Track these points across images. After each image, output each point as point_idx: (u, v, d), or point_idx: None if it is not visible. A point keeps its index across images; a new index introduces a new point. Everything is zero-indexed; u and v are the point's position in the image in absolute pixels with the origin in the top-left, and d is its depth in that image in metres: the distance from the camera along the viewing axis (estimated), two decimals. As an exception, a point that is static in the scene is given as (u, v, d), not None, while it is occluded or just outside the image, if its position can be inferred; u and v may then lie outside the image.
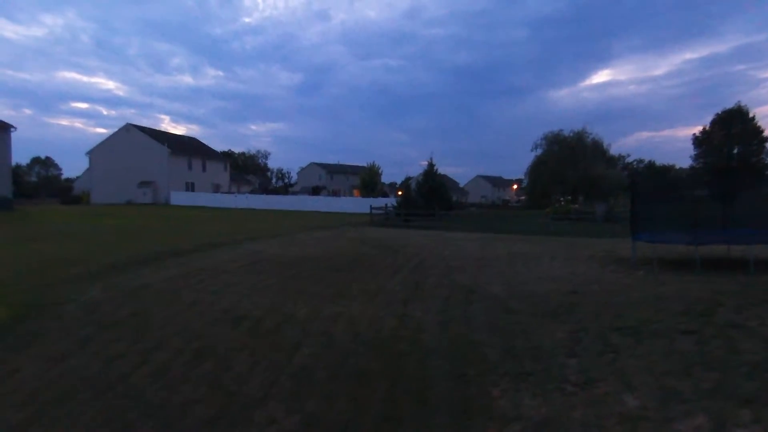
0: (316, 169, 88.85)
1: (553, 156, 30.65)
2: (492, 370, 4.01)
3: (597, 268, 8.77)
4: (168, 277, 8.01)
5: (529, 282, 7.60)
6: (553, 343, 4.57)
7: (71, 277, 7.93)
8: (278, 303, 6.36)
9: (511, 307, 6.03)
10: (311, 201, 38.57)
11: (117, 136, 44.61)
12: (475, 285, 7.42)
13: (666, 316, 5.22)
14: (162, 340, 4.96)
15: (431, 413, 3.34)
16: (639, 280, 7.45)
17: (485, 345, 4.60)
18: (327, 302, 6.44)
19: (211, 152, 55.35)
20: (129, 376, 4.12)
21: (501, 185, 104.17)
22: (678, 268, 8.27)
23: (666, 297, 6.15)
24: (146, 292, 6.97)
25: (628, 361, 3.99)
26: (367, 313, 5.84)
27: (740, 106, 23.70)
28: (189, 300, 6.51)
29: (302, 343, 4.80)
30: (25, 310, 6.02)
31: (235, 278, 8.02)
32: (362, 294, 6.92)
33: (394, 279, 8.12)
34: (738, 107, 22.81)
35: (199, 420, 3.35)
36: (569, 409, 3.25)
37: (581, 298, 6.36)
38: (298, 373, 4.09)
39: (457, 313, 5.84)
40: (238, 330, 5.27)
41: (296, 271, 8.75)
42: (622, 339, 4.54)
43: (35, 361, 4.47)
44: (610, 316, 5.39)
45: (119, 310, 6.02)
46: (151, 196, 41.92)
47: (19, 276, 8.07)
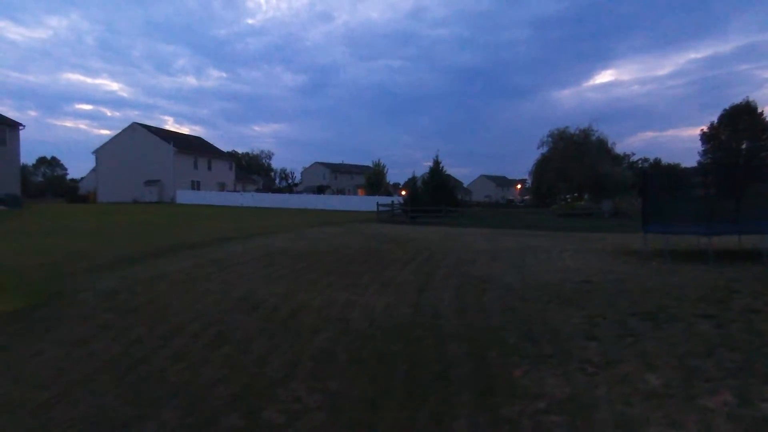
0: (320, 169, 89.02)
1: (559, 153, 30.56)
2: (511, 352, 4.02)
3: (609, 259, 8.75)
4: (182, 268, 8.06)
5: (541, 272, 7.60)
6: (570, 327, 4.57)
7: (87, 268, 8.00)
8: (292, 292, 6.39)
9: (526, 295, 6.04)
10: (317, 199, 38.66)
11: (123, 135, 44.86)
12: (488, 276, 7.43)
13: (683, 303, 5.21)
14: (180, 325, 5.00)
15: (454, 391, 3.35)
16: (652, 270, 7.43)
17: (503, 330, 4.61)
18: (340, 291, 6.46)
19: (216, 151, 55.57)
20: (150, 358, 4.16)
21: (505, 185, 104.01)
22: (690, 260, 8.24)
23: (681, 285, 6.13)
24: (162, 281, 7.02)
25: (648, 344, 3.99)
26: (381, 302, 5.86)
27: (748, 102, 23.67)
28: (204, 289, 6.56)
29: (319, 328, 4.82)
30: (43, 298, 6.09)
31: (248, 269, 8.06)
32: (375, 284, 6.94)
33: (405, 270, 8.14)
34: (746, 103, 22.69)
35: (223, 398, 3.38)
36: (593, 387, 3.25)
37: (595, 286, 6.36)
38: (318, 355, 4.12)
39: (472, 301, 5.85)
40: (254, 316, 5.31)
41: (308, 263, 8.79)
42: (640, 323, 4.54)
43: (56, 345, 4.52)
44: (626, 302, 5.39)
45: (136, 298, 6.07)
46: (157, 194, 42.12)
47: (35, 267, 8.15)
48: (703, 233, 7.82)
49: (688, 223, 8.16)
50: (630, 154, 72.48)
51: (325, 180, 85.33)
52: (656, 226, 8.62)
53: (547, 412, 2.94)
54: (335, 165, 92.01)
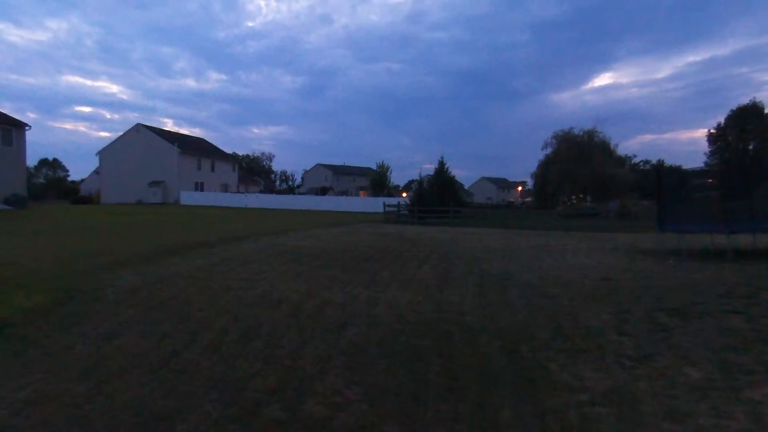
0: (322, 170, 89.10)
1: (563, 155, 30.55)
2: (544, 347, 4.02)
3: (624, 258, 8.75)
4: (198, 266, 8.07)
5: (559, 270, 7.60)
6: (600, 323, 4.57)
7: (103, 266, 7.99)
8: (313, 289, 6.39)
9: (548, 292, 6.04)
10: (321, 200, 38.66)
11: (127, 136, 44.91)
12: (506, 273, 7.43)
13: (708, 299, 5.20)
14: (205, 321, 5.00)
15: (493, 385, 3.35)
16: (670, 268, 7.43)
17: (531, 325, 4.61)
18: (361, 288, 6.47)
19: (219, 152, 55.60)
20: (181, 353, 4.16)
21: (505, 187, 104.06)
22: (707, 258, 8.24)
23: (703, 282, 6.13)
24: (180, 278, 7.02)
25: (682, 338, 3.99)
26: (404, 298, 5.86)
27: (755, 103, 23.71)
28: (223, 286, 6.56)
29: (347, 323, 4.82)
30: (66, 295, 6.09)
31: (264, 267, 8.07)
32: (395, 281, 6.94)
33: (422, 268, 8.14)
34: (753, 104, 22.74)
35: (262, 390, 3.38)
36: (634, 380, 3.25)
37: (616, 284, 6.35)
38: (350, 350, 4.12)
39: (495, 298, 5.85)
40: (279, 312, 5.31)
41: (323, 261, 8.79)
42: (669, 319, 4.54)
43: (86, 340, 4.52)
44: (651, 299, 5.39)
45: (158, 294, 6.07)
46: (161, 195, 42.13)
47: (51, 265, 8.14)
48: (721, 231, 7.81)
49: (704, 221, 8.16)
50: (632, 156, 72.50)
51: (327, 181, 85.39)
52: (672, 224, 8.62)
53: (592, 404, 2.94)
54: (337, 167, 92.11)
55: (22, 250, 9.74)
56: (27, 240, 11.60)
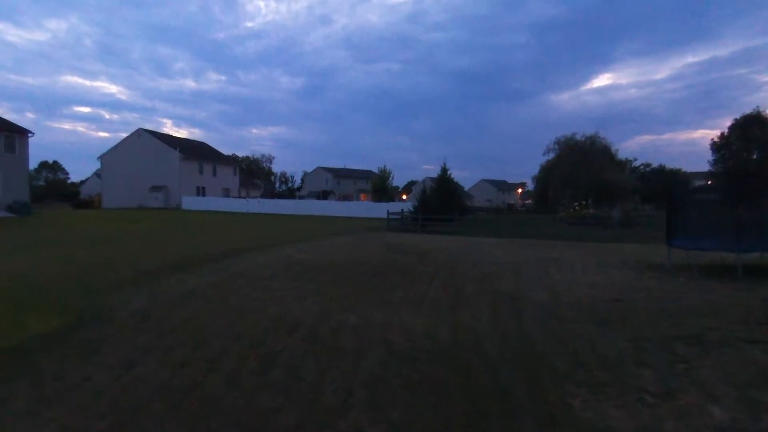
0: (323, 174, 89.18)
1: (565, 160, 30.60)
2: (565, 379, 4.02)
3: (633, 274, 8.75)
4: (209, 283, 8.07)
5: (570, 289, 7.60)
6: (618, 352, 4.57)
7: (113, 283, 8.00)
8: (326, 310, 6.40)
9: (562, 314, 6.04)
10: (322, 205, 38.65)
11: (129, 140, 44.93)
12: (517, 292, 7.43)
13: (724, 325, 5.21)
14: (223, 347, 5.00)
15: (517, 422, 3.35)
16: (681, 287, 7.44)
17: (550, 354, 4.61)
18: (374, 309, 6.47)
19: (221, 157, 55.64)
20: (201, 384, 4.16)
21: (506, 189, 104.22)
22: (717, 275, 8.25)
23: (717, 305, 6.14)
24: (193, 299, 7.02)
25: (704, 372, 3.99)
26: (418, 322, 5.86)
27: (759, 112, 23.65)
28: (237, 307, 6.56)
29: (364, 351, 4.82)
30: (79, 318, 6.09)
31: (276, 284, 8.07)
32: (406, 301, 6.94)
33: (432, 285, 8.15)
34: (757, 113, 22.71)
35: (284, 428, 3.38)
36: (658, 421, 3.25)
37: (629, 306, 6.36)
38: (371, 382, 4.12)
39: (510, 321, 5.85)
40: (295, 337, 5.31)
41: (333, 276, 8.79)
42: (688, 348, 4.54)
43: (103, 369, 4.51)
44: (666, 324, 5.39)
45: (171, 317, 6.07)
46: (162, 200, 42.13)
47: (60, 282, 8.15)
48: (731, 250, 7.82)
49: (714, 238, 8.17)
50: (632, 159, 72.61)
51: (327, 185, 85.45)
52: (681, 240, 8.63)
53: (620, 448, 2.94)
54: (337, 170, 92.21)
55: (30, 265, 9.74)
56: (34, 253, 11.59)
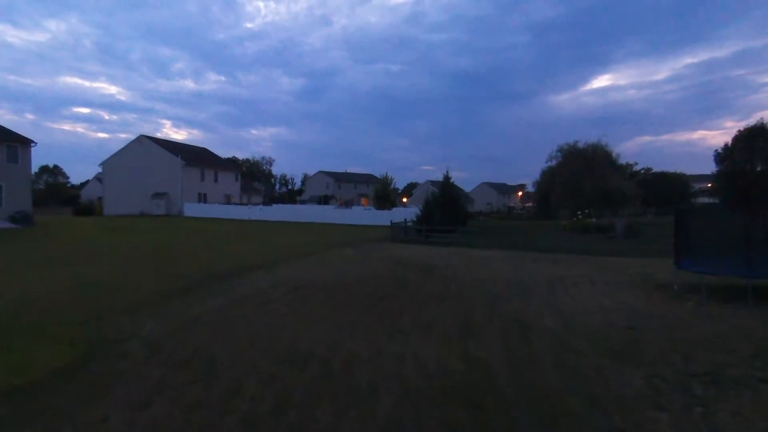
0: (324, 178, 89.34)
1: (568, 168, 30.62)
2: (584, 423, 4.01)
3: (642, 297, 8.74)
4: (217, 308, 8.06)
5: (579, 314, 7.59)
6: (634, 392, 4.56)
7: (121, 308, 7.99)
8: (338, 339, 6.38)
9: (573, 345, 6.03)
10: (325, 212, 38.59)
11: (130, 147, 45.00)
12: (526, 317, 7.43)
13: (738, 360, 5.21)
14: (236, 384, 4.98)
15: (539, 477, 3.34)
16: (691, 313, 7.43)
17: (566, 393, 4.60)
18: (385, 338, 6.46)
19: (222, 162, 55.73)
20: (216, 426, 4.14)
21: (506, 192, 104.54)
22: (726, 298, 8.24)
23: (728, 337, 6.14)
24: (202, 326, 7.00)
25: (721, 417, 3.98)
26: (430, 353, 5.85)
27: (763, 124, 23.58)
28: (247, 335, 6.54)
29: (378, 389, 4.81)
30: (89, 349, 6.07)
31: (284, 308, 8.06)
32: (417, 328, 6.93)
33: (441, 308, 8.14)
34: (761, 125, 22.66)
35: (306, 482, 3.36)
36: (681, 475, 3.24)
37: (641, 335, 6.35)
38: (389, 426, 4.10)
39: (521, 352, 5.84)
40: (308, 372, 5.29)
41: (341, 299, 8.78)
42: (704, 389, 4.53)
43: (120, 409, 4.50)
44: (679, 358, 5.38)
45: (182, 348, 6.05)
46: (164, 207, 42.14)
47: (68, 306, 8.14)
48: (742, 275, 7.81)
49: (724, 262, 8.16)
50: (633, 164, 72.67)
51: (328, 189, 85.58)
52: (689, 262, 8.63)
53: None
54: (339, 174, 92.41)
55: (36, 286, 9.73)
56: (39, 271, 11.58)
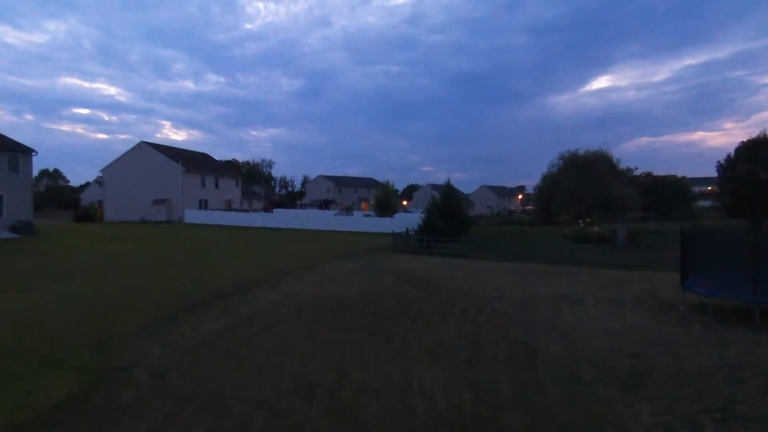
0: (324, 182, 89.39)
1: (570, 175, 30.59)
2: (595, 467, 3.98)
3: (648, 318, 8.72)
4: (221, 330, 8.03)
5: (585, 338, 7.57)
6: (643, 429, 4.53)
7: (126, 330, 7.95)
8: (344, 366, 6.36)
9: (581, 375, 6.00)
10: (326, 219, 38.52)
11: (131, 154, 45.01)
12: (532, 341, 7.40)
13: (749, 394, 5.18)
14: (244, 417, 4.95)
15: None
16: (699, 338, 7.41)
17: (574, 428, 4.57)
18: (391, 364, 6.43)
19: (223, 168, 55.77)
20: (226, 467, 4.12)
21: (505, 195, 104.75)
22: (733, 319, 8.21)
23: (737, 365, 6.11)
24: (207, 351, 6.97)
25: (734, 460, 3.95)
26: (438, 383, 5.82)
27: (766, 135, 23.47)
28: (253, 362, 6.51)
29: (388, 424, 4.78)
30: (95, 377, 6.04)
31: (289, 330, 8.03)
32: (423, 353, 6.91)
33: (447, 330, 8.12)
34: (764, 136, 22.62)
35: None
36: None
37: (648, 363, 6.33)
38: (398, 467, 4.08)
39: (528, 382, 5.82)
40: (316, 404, 5.26)
41: (346, 319, 8.76)
42: (715, 426, 4.51)
43: (127, 447, 4.48)
44: (689, 391, 5.36)
45: (188, 378, 6.02)
46: (165, 214, 42.12)
47: (72, 327, 8.10)
48: (748, 300, 7.78)
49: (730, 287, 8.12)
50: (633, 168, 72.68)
51: (329, 193, 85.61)
52: (695, 284, 8.60)
53: None
54: (339, 178, 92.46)
55: (39, 305, 9.70)
56: (42, 288, 11.54)
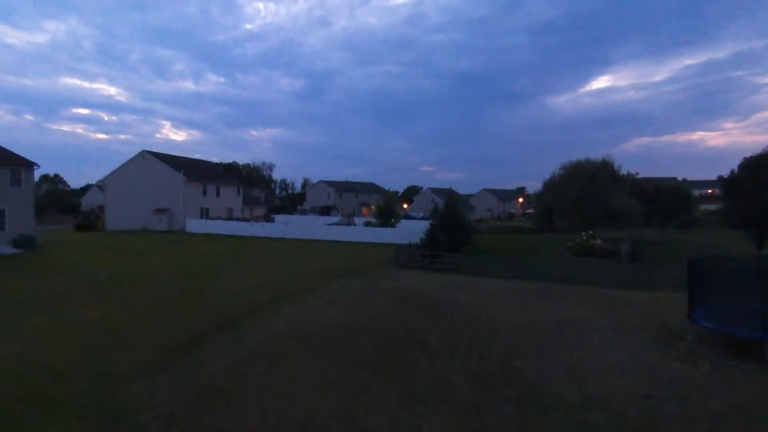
0: (325, 187, 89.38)
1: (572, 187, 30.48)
2: None
3: (656, 351, 8.65)
4: (227, 367, 7.98)
5: (594, 375, 7.51)
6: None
7: (131, 367, 7.90)
8: (350, 411, 6.31)
9: (592, 421, 5.95)
10: (328, 229, 38.38)
11: (132, 162, 44.97)
12: (541, 380, 7.33)
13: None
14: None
15: None
16: (708, 376, 7.35)
17: (590, 493, 4.52)
18: (398, 407, 6.39)
19: (224, 176, 55.79)
20: None
21: (506, 198, 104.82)
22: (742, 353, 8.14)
23: (746, 411, 6.07)
24: (214, 395, 6.89)
25: None
26: (446, 429, 5.77)
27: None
28: (260, 407, 6.45)
29: (399, 484, 4.73)
30: (101, 423, 6.00)
31: (295, 366, 7.98)
32: (431, 393, 6.86)
33: (453, 365, 8.08)
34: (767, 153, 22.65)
35: None
36: None
37: (659, 406, 6.28)
38: None
39: (539, 430, 5.77)
40: (325, 458, 5.22)
41: (352, 352, 8.70)
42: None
43: None
44: (702, 442, 5.31)
45: (198, 425, 5.97)
46: (166, 223, 42.06)
47: (75, 365, 8.05)
48: (758, 337, 7.72)
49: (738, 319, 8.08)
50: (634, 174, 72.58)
51: (330, 199, 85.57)
52: (703, 317, 8.55)
53: None
54: (340, 183, 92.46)
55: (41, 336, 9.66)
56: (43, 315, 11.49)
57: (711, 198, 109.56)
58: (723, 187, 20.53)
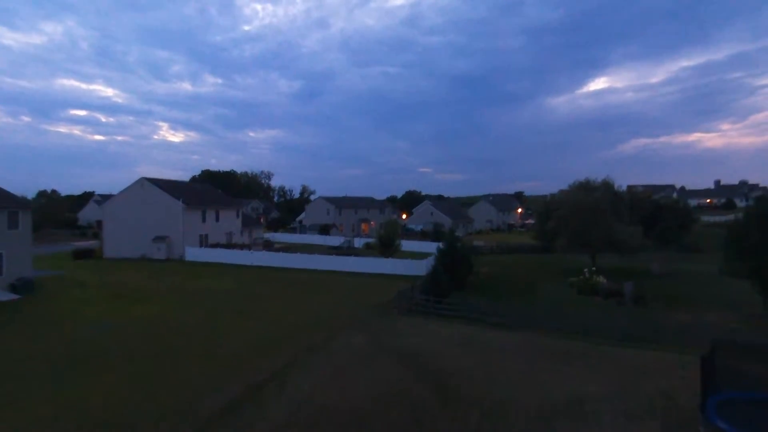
0: (324, 204, 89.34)
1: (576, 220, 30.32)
2: None
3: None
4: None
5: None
6: None
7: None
8: None
9: None
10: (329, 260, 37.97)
11: (131, 190, 44.77)
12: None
13: None
14: None
15: None
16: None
17: None
18: None
19: (223, 198, 55.59)
20: None
21: (505, 209, 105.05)
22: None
23: None
24: None
25: None
26: None
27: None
28: None
29: None
30: None
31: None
32: None
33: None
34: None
35: None
36: None
37: None
38: None
39: None
40: None
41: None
42: None
43: None
44: None
45: None
46: (165, 251, 41.76)
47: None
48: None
49: (759, 420, 7.86)
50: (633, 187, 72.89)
51: (329, 216, 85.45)
52: (717, 418, 8.31)
53: None
54: (338, 199, 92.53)
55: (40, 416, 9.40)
56: (40, 397, 11.22)
57: (710, 208, 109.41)
58: (729, 237, 20.28)
